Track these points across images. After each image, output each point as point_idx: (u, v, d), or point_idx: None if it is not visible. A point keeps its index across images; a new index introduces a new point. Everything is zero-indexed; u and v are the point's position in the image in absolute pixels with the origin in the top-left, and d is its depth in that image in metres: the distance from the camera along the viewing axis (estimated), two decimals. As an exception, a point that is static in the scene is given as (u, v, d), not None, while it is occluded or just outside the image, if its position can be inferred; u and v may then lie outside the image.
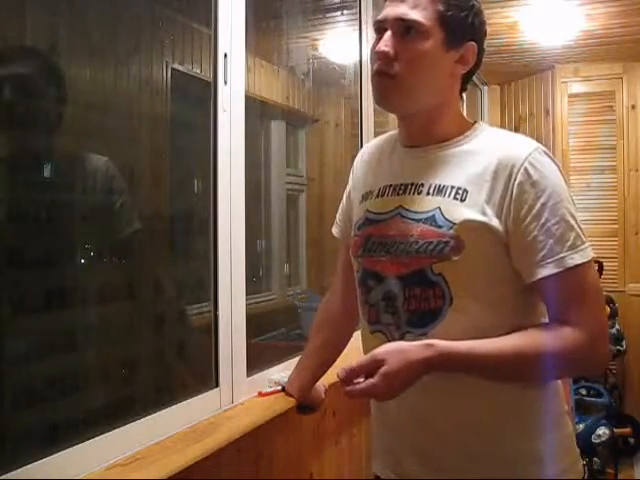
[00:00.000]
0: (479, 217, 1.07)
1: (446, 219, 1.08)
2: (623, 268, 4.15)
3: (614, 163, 4.19)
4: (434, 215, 1.10)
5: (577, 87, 4.27)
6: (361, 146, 2.51)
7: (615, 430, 3.47)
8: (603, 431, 3.40)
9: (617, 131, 4.18)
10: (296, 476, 1.71)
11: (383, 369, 1.02)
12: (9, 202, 1.23)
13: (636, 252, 4.14)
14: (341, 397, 1.08)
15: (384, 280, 1.15)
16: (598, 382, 3.71)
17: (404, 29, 1.10)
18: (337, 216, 1.42)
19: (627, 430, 3.65)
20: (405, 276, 1.12)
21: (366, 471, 2.20)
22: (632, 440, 3.71)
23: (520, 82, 4.56)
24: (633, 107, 4.16)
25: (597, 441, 3.37)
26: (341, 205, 1.41)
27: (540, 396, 1.14)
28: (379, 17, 1.14)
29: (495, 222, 1.06)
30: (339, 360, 1.50)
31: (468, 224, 1.07)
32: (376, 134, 2.56)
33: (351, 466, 2.07)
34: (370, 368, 1.03)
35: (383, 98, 1.14)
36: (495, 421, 1.12)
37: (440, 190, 1.11)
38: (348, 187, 1.38)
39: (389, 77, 1.10)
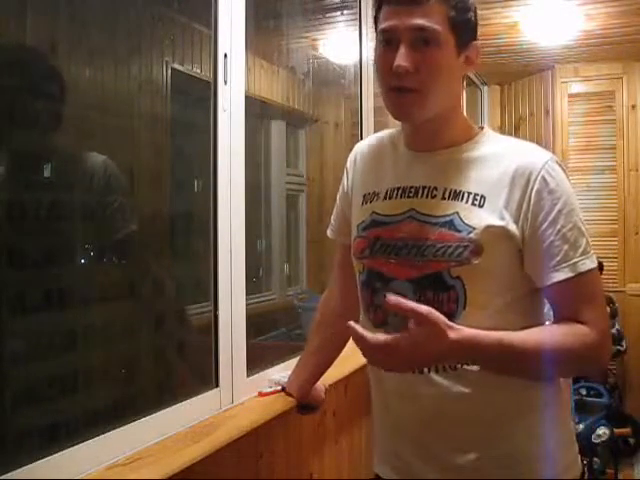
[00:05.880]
0: (498, 222, 1.08)
1: (465, 224, 1.09)
2: (623, 268, 4.15)
3: (614, 163, 4.19)
4: (452, 220, 1.10)
5: (577, 87, 4.27)
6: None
7: (615, 430, 3.46)
8: (603, 431, 3.39)
9: (617, 131, 4.18)
10: (296, 476, 1.71)
11: (417, 331, 0.98)
12: (4, 202, 1.22)
13: (636, 252, 4.14)
14: (341, 397, 1.08)
15: (391, 282, 1.14)
16: (598, 382, 3.71)
17: (420, 39, 1.06)
18: (332, 217, 1.41)
19: (627, 430, 3.64)
20: (417, 279, 1.11)
21: (366, 470, 2.20)
22: (632, 440, 3.70)
23: (520, 82, 4.56)
24: (633, 107, 4.16)
25: (597, 441, 3.37)
26: (335, 207, 1.40)
27: (544, 393, 1.15)
28: (385, 26, 1.08)
29: (513, 227, 1.08)
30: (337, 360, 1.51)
31: (489, 229, 1.08)
32: (376, 134, 2.56)
33: (351, 466, 2.07)
34: (415, 318, 0.99)
35: (405, 113, 1.12)
36: (500, 419, 1.12)
37: (457, 195, 1.12)
38: (342, 188, 1.36)
39: (410, 91, 1.08)
